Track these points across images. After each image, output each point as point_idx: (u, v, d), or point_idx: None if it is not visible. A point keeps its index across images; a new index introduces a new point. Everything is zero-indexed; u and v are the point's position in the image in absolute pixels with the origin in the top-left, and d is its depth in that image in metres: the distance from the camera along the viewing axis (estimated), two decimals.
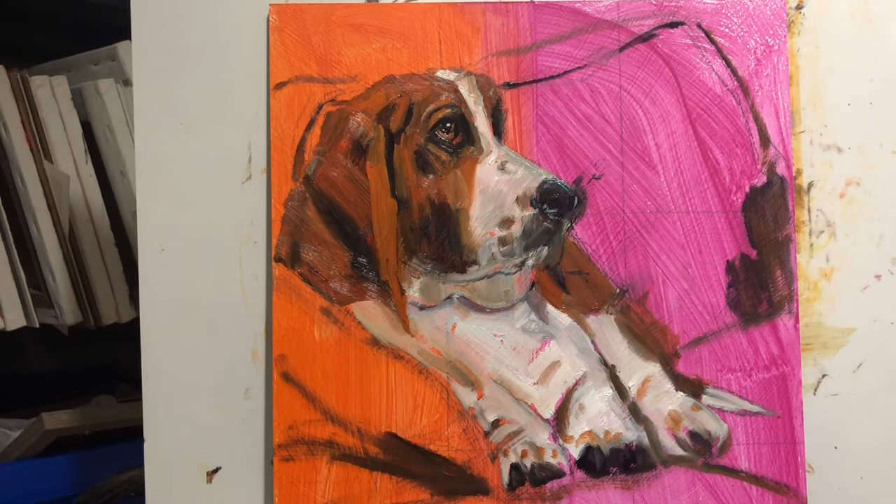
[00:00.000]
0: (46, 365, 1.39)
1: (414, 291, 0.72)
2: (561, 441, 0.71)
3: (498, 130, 0.72)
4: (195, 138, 0.73)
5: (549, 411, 0.71)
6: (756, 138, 0.72)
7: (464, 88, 0.72)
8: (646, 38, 0.72)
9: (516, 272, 0.71)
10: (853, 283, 0.72)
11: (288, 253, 0.71)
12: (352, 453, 0.71)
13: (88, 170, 1.31)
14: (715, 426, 0.71)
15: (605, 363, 0.72)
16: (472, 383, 0.72)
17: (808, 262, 0.72)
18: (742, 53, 0.72)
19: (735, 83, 0.72)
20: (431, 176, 0.71)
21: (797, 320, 0.71)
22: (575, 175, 0.72)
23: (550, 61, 0.72)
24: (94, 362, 1.44)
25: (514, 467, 0.71)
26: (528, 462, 0.70)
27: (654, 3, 0.72)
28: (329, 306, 0.71)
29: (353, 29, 0.72)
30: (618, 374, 0.72)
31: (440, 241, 0.71)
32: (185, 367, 0.72)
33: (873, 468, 0.72)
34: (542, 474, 0.70)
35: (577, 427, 0.71)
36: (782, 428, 0.71)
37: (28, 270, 1.23)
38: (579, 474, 0.71)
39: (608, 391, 0.72)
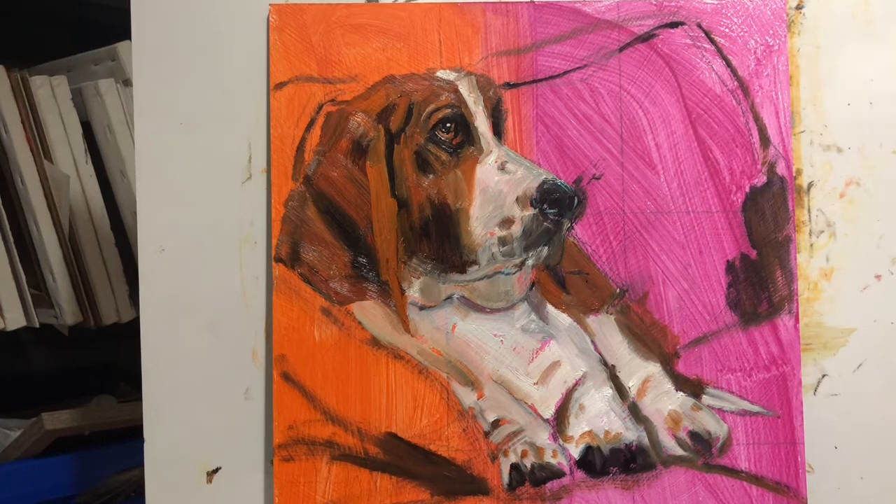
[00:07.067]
0: (46, 365, 1.39)
1: (414, 291, 0.72)
2: (561, 441, 0.71)
3: (498, 130, 0.72)
4: (195, 138, 0.73)
5: (549, 411, 0.71)
6: (756, 138, 0.72)
7: (464, 88, 0.72)
8: (646, 38, 0.72)
9: (516, 272, 0.71)
10: (853, 283, 0.72)
11: (288, 253, 0.71)
12: (352, 453, 0.71)
13: (88, 170, 1.31)
14: (715, 426, 0.71)
15: (605, 363, 0.72)
16: (472, 383, 0.72)
17: (808, 262, 0.72)
18: (742, 53, 0.72)
19: (735, 83, 0.72)
20: (431, 176, 0.71)
21: (797, 320, 0.71)
22: (575, 175, 0.72)
23: (550, 61, 0.72)
24: (94, 362, 1.44)
25: (514, 467, 0.71)
26: (528, 462, 0.70)
27: (654, 3, 0.72)
28: (329, 306, 0.71)
29: (353, 29, 0.72)
30: (618, 374, 0.72)
31: (440, 241, 0.71)
32: (185, 367, 0.72)
33: (873, 468, 0.72)
34: (542, 474, 0.70)
35: (577, 427, 0.71)
36: (782, 428, 0.71)
37: (28, 270, 1.23)
38: (579, 474, 0.71)
39: (608, 391, 0.72)
